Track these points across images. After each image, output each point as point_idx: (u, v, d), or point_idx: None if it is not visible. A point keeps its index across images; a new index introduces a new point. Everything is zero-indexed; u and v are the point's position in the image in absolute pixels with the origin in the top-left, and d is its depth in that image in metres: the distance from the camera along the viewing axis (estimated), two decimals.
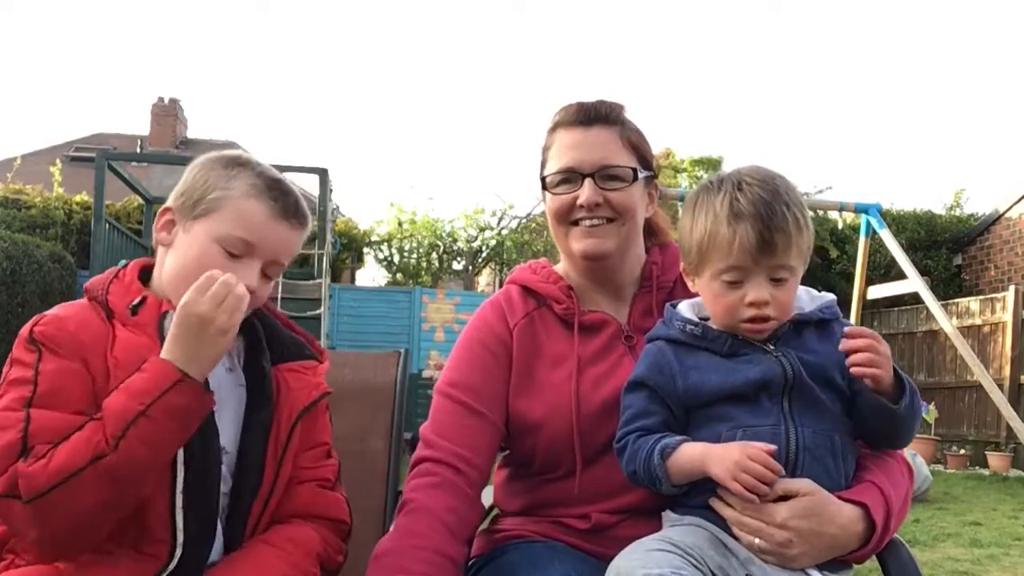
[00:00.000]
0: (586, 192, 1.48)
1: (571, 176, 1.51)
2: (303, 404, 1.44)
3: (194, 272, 1.31)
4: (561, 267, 1.62)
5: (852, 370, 1.28)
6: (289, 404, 1.43)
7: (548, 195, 1.55)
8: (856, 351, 1.28)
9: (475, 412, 1.50)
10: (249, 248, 1.36)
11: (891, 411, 1.30)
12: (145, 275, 1.43)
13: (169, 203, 1.42)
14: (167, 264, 1.40)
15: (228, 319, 1.25)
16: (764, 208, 1.30)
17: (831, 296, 1.44)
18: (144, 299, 1.35)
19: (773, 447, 1.25)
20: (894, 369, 1.31)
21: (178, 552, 1.27)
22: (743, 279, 1.32)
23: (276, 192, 1.40)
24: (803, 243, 1.34)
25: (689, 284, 1.43)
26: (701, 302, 1.42)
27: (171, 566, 1.27)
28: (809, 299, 1.42)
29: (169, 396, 1.20)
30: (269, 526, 1.40)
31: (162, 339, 1.28)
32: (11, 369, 1.27)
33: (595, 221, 1.49)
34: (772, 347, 1.34)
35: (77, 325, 1.31)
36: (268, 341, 1.48)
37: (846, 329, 1.31)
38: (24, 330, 1.30)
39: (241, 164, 1.42)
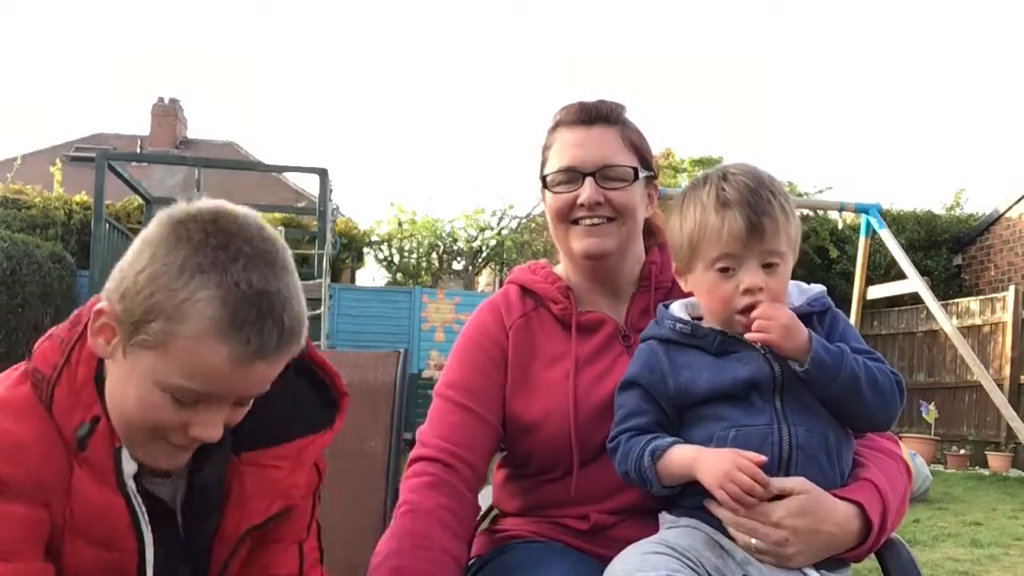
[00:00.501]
0: (587, 191, 1.48)
1: (572, 175, 1.51)
2: (253, 520, 1.12)
3: (137, 418, 1.01)
4: (561, 268, 1.62)
5: (746, 335, 1.30)
6: (238, 516, 1.11)
7: (548, 194, 1.55)
8: (753, 320, 1.29)
9: (471, 412, 1.50)
10: (207, 398, 1.02)
11: (804, 375, 1.28)
12: None
13: (103, 303, 1.02)
14: (108, 382, 1.05)
15: None
16: (750, 194, 1.32)
17: (820, 288, 1.44)
18: (95, 423, 1.02)
19: (763, 458, 1.24)
20: (812, 339, 1.29)
21: None
22: (736, 267, 1.33)
23: (247, 326, 0.98)
24: (791, 230, 1.35)
25: (682, 284, 1.43)
26: (695, 302, 1.42)
27: None
28: (798, 293, 1.42)
29: None
30: None
31: (121, 488, 1.02)
32: None
33: (595, 220, 1.50)
34: (760, 345, 1.34)
35: (39, 456, 0.99)
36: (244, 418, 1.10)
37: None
38: None
39: (202, 268, 0.97)
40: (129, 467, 1.03)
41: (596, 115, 1.53)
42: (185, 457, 1.07)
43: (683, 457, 1.29)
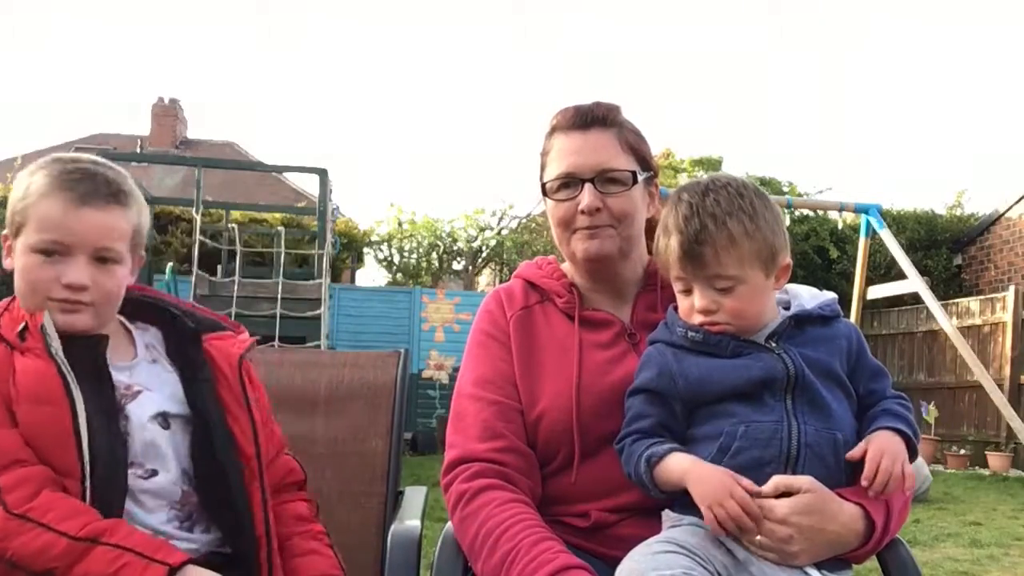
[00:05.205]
0: (586, 198, 1.48)
1: (571, 181, 1.51)
2: (238, 353, 1.46)
3: (24, 287, 1.32)
4: (567, 266, 1.63)
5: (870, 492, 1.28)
6: (226, 360, 1.44)
7: (550, 202, 1.55)
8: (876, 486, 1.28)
9: (501, 404, 1.49)
10: (61, 246, 1.30)
11: None
12: None
13: (6, 229, 1.39)
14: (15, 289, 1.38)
15: None
16: (687, 223, 1.34)
17: (832, 295, 1.46)
18: (26, 324, 1.32)
19: (759, 489, 1.24)
20: (904, 420, 1.36)
21: None
22: (689, 287, 1.37)
23: (72, 180, 1.32)
24: (745, 251, 1.33)
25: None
26: None
27: None
28: (810, 297, 1.44)
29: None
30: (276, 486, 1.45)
31: (51, 354, 1.27)
32: None
33: (595, 225, 1.50)
34: (774, 344, 1.35)
35: None
36: (182, 320, 1.48)
37: (863, 479, 1.28)
38: None
39: (43, 165, 1.35)
40: (55, 343, 1.28)
41: (592, 119, 1.52)
42: (81, 318, 1.32)
43: (677, 468, 1.29)
